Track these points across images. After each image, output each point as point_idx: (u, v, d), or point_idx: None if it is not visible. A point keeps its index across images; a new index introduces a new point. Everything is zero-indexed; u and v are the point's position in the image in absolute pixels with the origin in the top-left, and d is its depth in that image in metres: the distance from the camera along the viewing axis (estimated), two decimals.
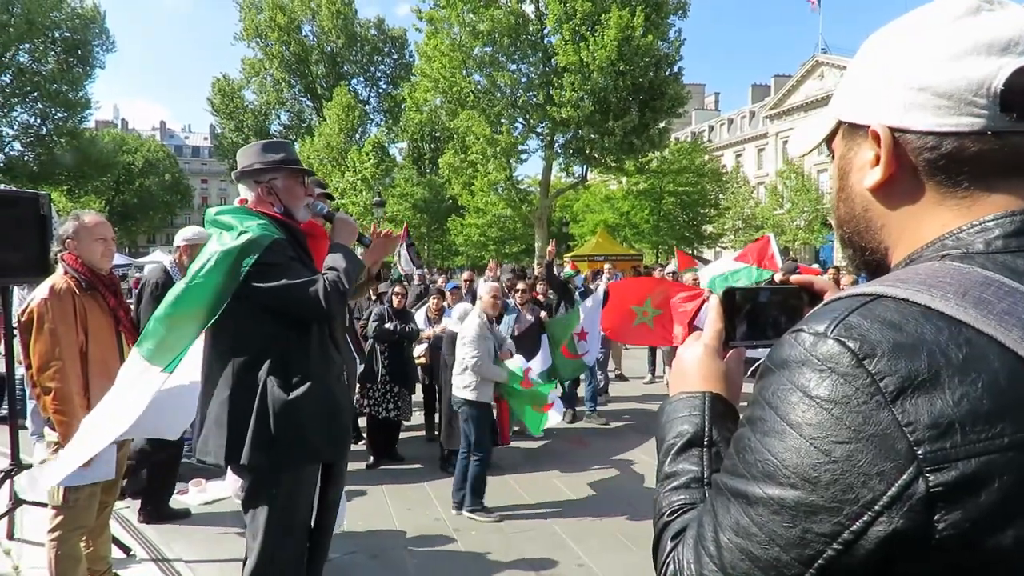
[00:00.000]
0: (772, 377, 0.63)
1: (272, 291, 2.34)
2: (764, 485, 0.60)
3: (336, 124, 36.09)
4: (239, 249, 2.32)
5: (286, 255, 2.42)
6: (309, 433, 2.41)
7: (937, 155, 0.68)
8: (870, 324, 0.59)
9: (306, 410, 2.38)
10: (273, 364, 2.38)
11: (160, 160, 52.24)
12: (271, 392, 2.35)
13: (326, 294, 2.35)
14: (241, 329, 2.40)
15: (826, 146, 0.84)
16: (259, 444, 2.34)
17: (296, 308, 2.40)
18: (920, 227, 0.71)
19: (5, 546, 3.97)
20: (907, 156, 0.69)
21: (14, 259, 3.60)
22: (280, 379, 2.37)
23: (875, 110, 0.72)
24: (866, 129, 0.73)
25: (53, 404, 2.92)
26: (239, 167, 2.66)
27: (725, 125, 52.00)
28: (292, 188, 2.63)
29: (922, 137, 0.68)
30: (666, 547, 0.72)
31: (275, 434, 2.34)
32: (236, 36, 43.54)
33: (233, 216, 2.49)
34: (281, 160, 2.63)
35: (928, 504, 0.53)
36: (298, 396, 2.36)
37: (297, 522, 2.51)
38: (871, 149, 0.72)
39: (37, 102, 34.01)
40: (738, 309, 0.89)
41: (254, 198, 2.61)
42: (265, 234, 2.39)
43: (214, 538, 4.24)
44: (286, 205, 2.60)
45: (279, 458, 2.38)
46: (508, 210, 27.51)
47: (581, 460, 6.20)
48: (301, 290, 2.36)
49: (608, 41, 19.70)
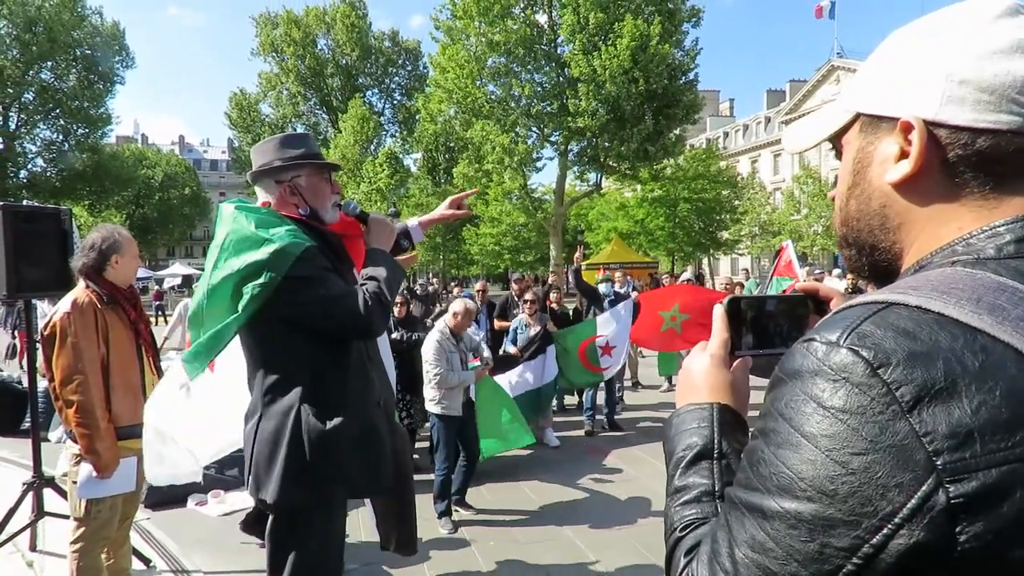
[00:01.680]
0: (784, 388, 0.62)
1: (306, 308, 2.07)
2: (780, 499, 0.58)
3: (351, 136, 36.47)
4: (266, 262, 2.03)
5: (319, 265, 2.12)
6: (347, 466, 2.15)
7: (970, 152, 0.66)
8: (884, 332, 0.57)
9: (346, 442, 2.13)
10: (308, 388, 2.12)
11: (179, 174, 53.06)
12: (306, 421, 2.10)
13: (367, 308, 2.08)
14: (273, 351, 2.16)
15: (830, 142, 0.82)
16: (292, 478, 2.09)
17: (334, 326, 2.12)
18: (939, 227, 0.69)
19: (28, 557, 4.02)
20: (936, 151, 0.67)
21: (36, 274, 3.66)
22: (315, 406, 2.11)
23: (907, 102, 0.69)
24: (891, 122, 0.71)
25: (76, 417, 2.96)
26: (255, 166, 2.34)
27: (740, 131, 51.81)
28: (317, 186, 2.30)
29: (956, 132, 0.66)
30: (679, 563, 0.71)
31: (310, 468, 2.09)
32: (253, 51, 44.25)
33: (256, 219, 2.15)
34: (303, 155, 2.30)
35: (949, 516, 0.52)
36: (336, 426, 2.11)
37: (332, 564, 2.24)
38: (895, 142, 0.70)
39: (59, 118, 34.79)
40: (744, 318, 0.88)
41: (276, 199, 2.30)
42: (295, 242, 2.08)
43: (233, 550, 4.25)
44: (312, 206, 2.29)
45: (314, 494, 2.12)
46: (523, 218, 27.56)
47: (598, 468, 6.16)
48: (339, 305, 2.09)
49: (621, 50, 19.71)
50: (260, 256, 2.03)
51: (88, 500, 3.04)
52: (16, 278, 3.55)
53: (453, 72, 22.25)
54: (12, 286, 3.53)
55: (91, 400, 2.96)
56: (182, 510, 4.98)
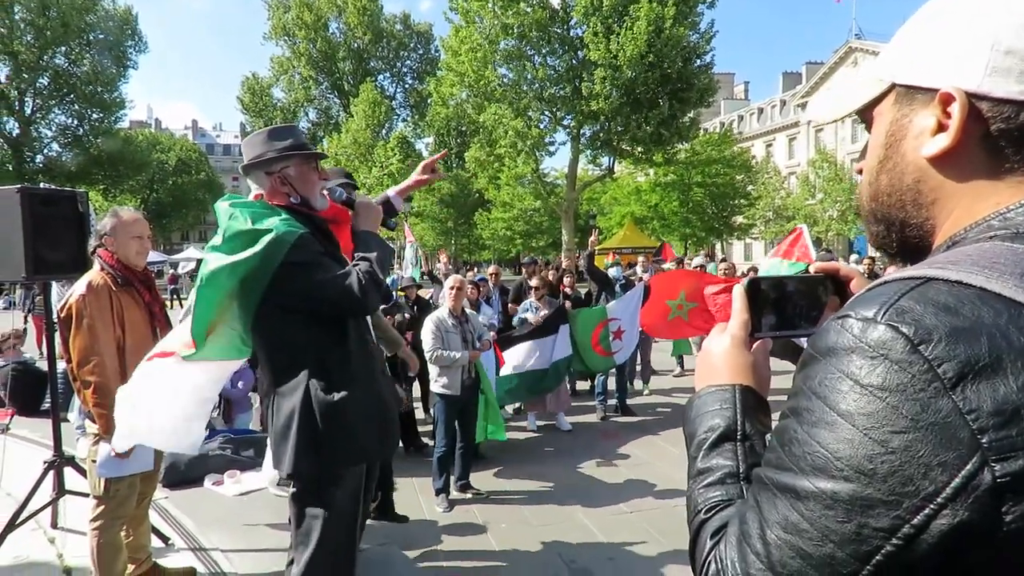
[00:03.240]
0: (817, 366, 0.60)
1: (304, 292, 2.21)
2: (815, 479, 0.57)
3: (363, 120, 36.47)
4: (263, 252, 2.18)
5: (313, 251, 2.27)
6: (358, 433, 2.31)
7: (1013, 126, 0.63)
8: (924, 308, 0.56)
9: (353, 410, 2.27)
10: (314, 366, 2.26)
11: (192, 159, 53.28)
12: (315, 395, 2.24)
13: (361, 287, 2.22)
14: (278, 334, 2.30)
15: (858, 115, 0.79)
16: (305, 449, 2.24)
17: (332, 306, 2.26)
18: (975, 202, 0.67)
19: (50, 534, 4.09)
20: (976, 125, 0.65)
21: (54, 256, 3.69)
22: (323, 380, 2.26)
23: (948, 72, 0.66)
24: (928, 93, 0.68)
25: (93, 397, 3.00)
26: (246, 159, 2.48)
27: (755, 114, 51.20)
28: (306, 175, 2.46)
29: (998, 105, 0.63)
30: (705, 545, 0.69)
31: (323, 438, 2.24)
32: (265, 35, 44.21)
33: (251, 213, 2.29)
34: (291, 146, 2.45)
35: (995, 495, 0.51)
36: (344, 396, 2.26)
37: (348, 532, 2.41)
38: (932, 115, 0.68)
39: (74, 103, 34.99)
40: (764, 299, 0.86)
41: (267, 190, 2.45)
42: (289, 230, 2.23)
43: (250, 528, 4.31)
44: (302, 194, 2.44)
45: (328, 463, 2.28)
46: (537, 203, 27.50)
47: (610, 452, 6.17)
48: (335, 286, 2.22)
49: (639, 34, 19.49)
50: (257, 248, 2.18)
51: (107, 479, 3.08)
52: (35, 260, 3.58)
53: (465, 55, 22.13)
54: (31, 268, 3.56)
55: (108, 381, 2.99)
56: (199, 489, 5.05)
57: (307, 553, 2.31)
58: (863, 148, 0.80)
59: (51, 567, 3.73)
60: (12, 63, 31.76)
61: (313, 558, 2.30)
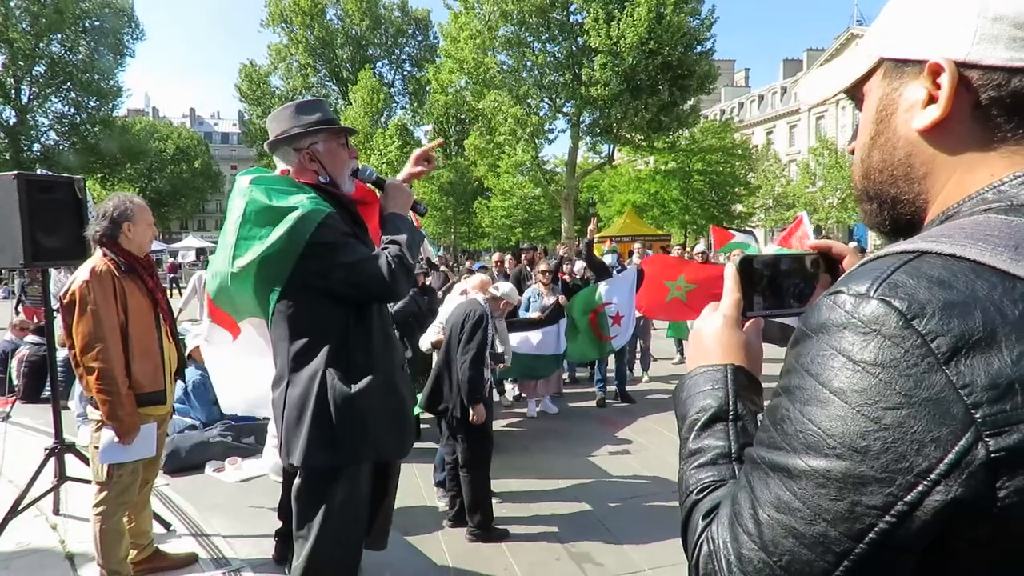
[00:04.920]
0: (809, 343, 0.60)
1: (329, 273, 2.11)
2: (807, 457, 0.57)
3: (361, 108, 36.23)
4: (288, 231, 2.07)
5: (341, 231, 2.16)
6: (374, 428, 2.21)
7: (1004, 93, 0.62)
8: (917, 282, 0.55)
9: (370, 403, 2.18)
10: (333, 354, 2.16)
11: (191, 147, 52.96)
12: (331, 385, 2.15)
13: (391, 271, 2.12)
14: (298, 318, 2.19)
15: (847, 94, 0.78)
16: (319, 442, 2.15)
17: (358, 291, 2.16)
18: (967, 175, 0.66)
19: (52, 521, 4.11)
20: (967, 95, 0.64)
21: (53, 242, 3.68)
22: (341, 370, 2.16)
23: (935, 43, 0.65)
24: (917, 65, 0.67)
25: (97, 383, 3.00)
26: (272, 134, 2.36)
27: (756, 102, 50.89)
28: (336, 152, 2.33)
29: (988, 73, 0.62)
30: (697, 526, 0.69)
31: (337, 431, 2.15)
32: (262, 22, 43.81)
33: (277, 189, 2.19)
34: (319, 121, 2.32)
35: (989, 470, 0.50)
36: (362, 389, 2.16)
37: (353, 529, 2.32)
38: (922, 87, 0.67)
39: (71, 91, 34.74)
40: (756, 278, 0.85)
41: (295, 167, 2.33)
42: (317, 208, 2.12)
43: (251, 514, 4.34)
44: (331, 172, 2.32)
45: (340, 457, 2.18)
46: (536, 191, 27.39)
47: (609, 439, 6.20)
48: (363, 270, 2.12)
49: (640, 20, 19.34)
50: (284, 227, 2.07)
51: (110, 465, 3.10)
52: (33, 247, 3.57)
53: (464, 42, 21.95)
54: (29, 255, 3.56)
55: (112, 367, 2.99)
56: (200, 476, 5.07)
57: (308, 546, 2.23)
58: (855, 128, 0.79)
59: (54, 553, 3.75)
60: (8, 50, 31.50)
61: (314, 552, 2.22)
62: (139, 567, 3.41)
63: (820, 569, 0.56)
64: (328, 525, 2.20)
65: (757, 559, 0.59)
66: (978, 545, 0.54)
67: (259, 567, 3.61)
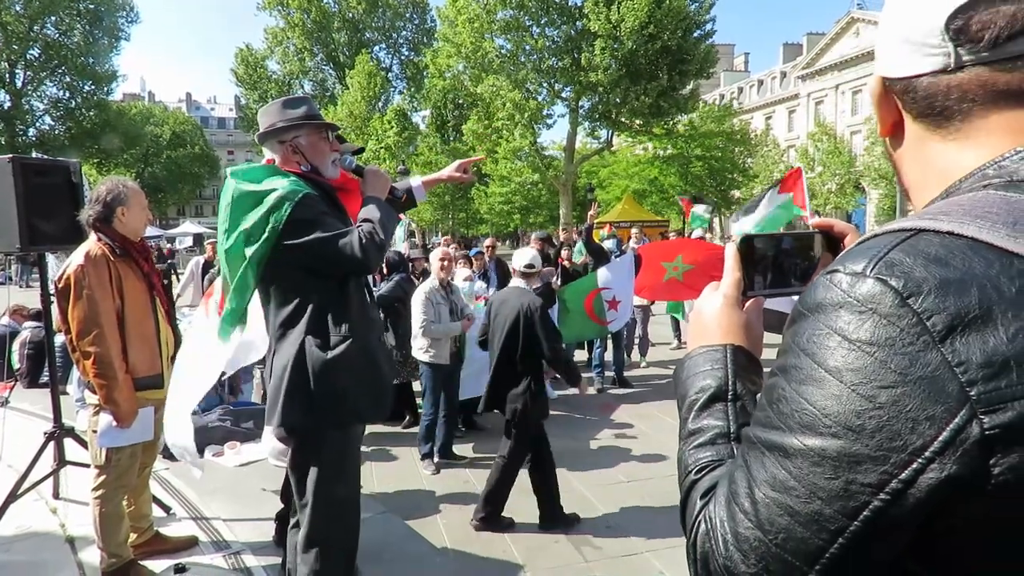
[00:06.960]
0: (805, 322, 0.60)
1: (305, 246, 2.26)
2: (802, 436, 0.57)
3: (359, 92, 36.01)
4: (267, 209, 2.25)
5: (317, 210, 2.33)
6: (351, 394, 2.36)
7: (917, 96, 0.69)
8: (913, 260, 0.55)
9: (347, 369, 2.32)
10: (312, 323, 2.32)
11: (187, 132, 52.71)
12: (309, 351, 2.30)
13: (362, 245, 2.27)
14: (280, 290, 2.37)
15: None
16: (297, 406, 2.30)
17: (331, 263, 2.31)
18: (926, 165, 0.70)
19: (52, 504, 4.13)
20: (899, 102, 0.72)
21: (49, 227, 3.66)
22: (319, 338, 2.32)
23: (878, 64, 0.75)
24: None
25: (94, 368, 2.99)
26: (261, 128, 2.57)
27: (755, 86, 50.69)
28: (317, 144, 2.53)
29: (900, 82, 0.70)
30: (695, 506, 0.69)
31: (315, 396, 2.29)
32: (259, 5, 43.38)
33: (259, 175, 2.39)
34: (303, 116, 2.53)
35: (983, 448, 0.50)
36: (338, 355, 2.31)
37: (349, 483, 2.47)
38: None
39: (65, 75, 34.47)
40: (756, 257, 0.84)
41: (280, 158, 2.54)
42: (294, 189, 2.31)
43: (250, 497, 4.36)
44: (312, 163, 2.51)
45: (316, 418, 2.33)
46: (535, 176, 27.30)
47: (607, 424, 6.23)
48: (335, 243, 2.27)
49: (639, 4, 19.20)
50: (264, 207, 2.26)
51: (108, 448, 3.11)
52: (29, 231, 3.55)
53: (462, 25, 21.79)
54: (26, 239, 3.54)
55: (108, 351, 2.99)
56: (199, 460, 5.08)
57: (307, 512, 2.37)
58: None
59: (54, 537, 3.77)
60: (2, 33, 31.22)
61: (314, 517, 2.36)
62: (139, 550, 3.43)
63: (815, 546, 0.56)
64: (323, 488, 2.35)
65: (753, 537, 0.59)
66: (972, 522, 0.54)
67: (259, 550, 3.63)
